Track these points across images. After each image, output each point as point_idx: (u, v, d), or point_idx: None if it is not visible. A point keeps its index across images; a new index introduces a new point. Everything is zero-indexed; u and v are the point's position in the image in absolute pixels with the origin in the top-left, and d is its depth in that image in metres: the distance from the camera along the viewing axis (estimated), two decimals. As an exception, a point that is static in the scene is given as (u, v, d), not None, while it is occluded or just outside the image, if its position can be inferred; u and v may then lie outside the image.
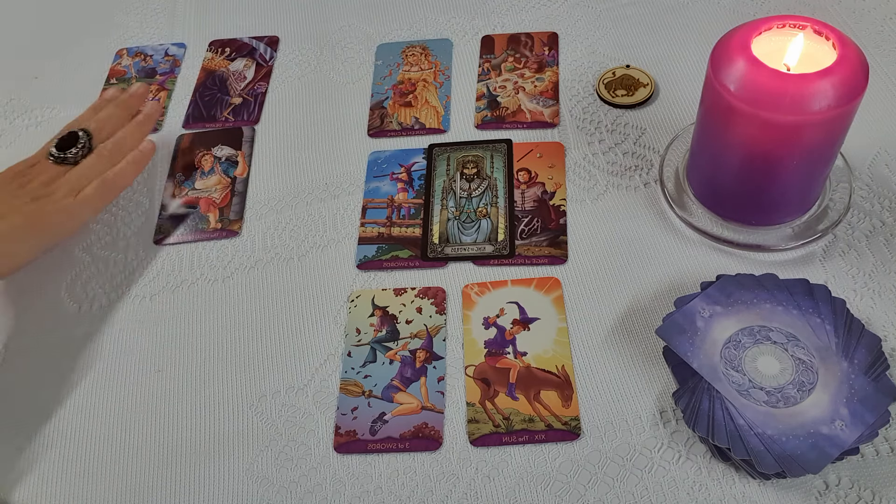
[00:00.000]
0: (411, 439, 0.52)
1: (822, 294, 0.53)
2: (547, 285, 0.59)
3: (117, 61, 0.81)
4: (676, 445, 0.50)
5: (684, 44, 0.74)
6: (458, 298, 0.59)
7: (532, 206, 0.64)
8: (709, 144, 0.57)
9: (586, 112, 0.70)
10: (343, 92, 0.75)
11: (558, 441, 0.51)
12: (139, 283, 0.63)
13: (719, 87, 0.51)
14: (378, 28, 0.81)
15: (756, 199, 0.57)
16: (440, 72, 0.76)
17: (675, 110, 0.69)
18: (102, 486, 0.53)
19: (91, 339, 0.60)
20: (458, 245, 0.62)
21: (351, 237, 0.64)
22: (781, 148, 0.52)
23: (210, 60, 0.80)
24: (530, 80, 0.73)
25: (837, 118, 0.50)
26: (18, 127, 0.76)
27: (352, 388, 0.55)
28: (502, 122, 0.70)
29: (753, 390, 0.49)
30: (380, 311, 0.59)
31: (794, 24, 0.52)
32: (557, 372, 0.54)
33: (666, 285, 0.58)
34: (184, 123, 0.75)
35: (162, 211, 0.67)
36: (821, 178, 0.57)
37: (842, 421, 0.47)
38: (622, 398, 0.53)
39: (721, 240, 0.59)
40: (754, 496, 0.48)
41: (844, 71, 0.49)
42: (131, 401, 0.56)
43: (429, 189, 0.66)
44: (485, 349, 0.56)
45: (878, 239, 0.58)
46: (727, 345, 0.51)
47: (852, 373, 0.49)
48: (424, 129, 0.71)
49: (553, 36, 0.77)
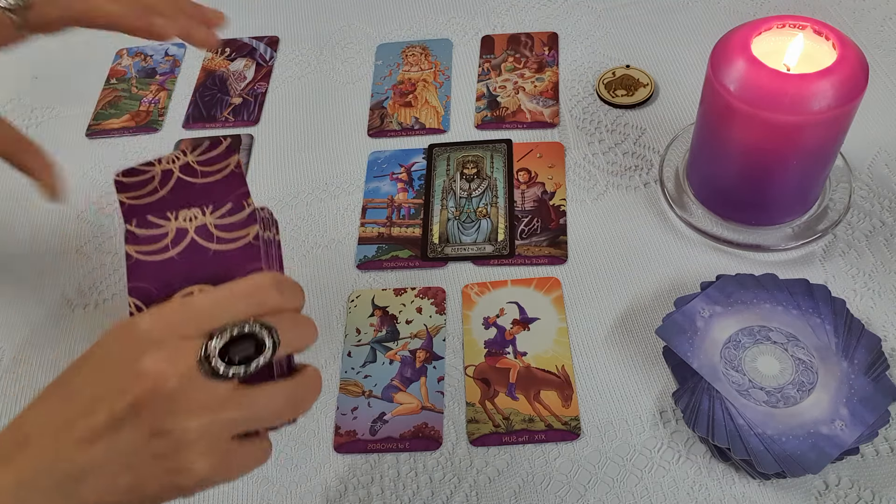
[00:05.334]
0: (411, 439, 0.52)
1: (821, 294, 0.53)
2: (547, 285, 0.59)
3: (117, 61, 0.81)
4: (676, 445, 0.50)
5: (684, 44, 0.74)
6: (458, 298, 0.59)
7: (532, 206, 0.64)
8: (709, 144, 0.57)
9: (586, 112, 0.70)
10: (343, 92, 0.75)
11: (558, 441, 0.51)
12: (139, 283, 0.63)
13: (719, 87, 0.51)
14: (378, 28, 0.81)
15: (756, 199, 0.57)
16: (440, 72, 0.76)
17: (675, 110, 0.69)
18: (102, 486, 0.53)
19: (91, 339, 0.60)
20: (458, 245, 0.62)
21: (351, 237, 0.64)
22: (781, 148, 0.52)
23: (210, 60, 0.80)
24: (530, 80, 0.73)
25: (837, 118, 0.50)
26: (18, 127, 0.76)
27: (352, 388, 0.55)
28: (502, 122, 0.70)
29: (753, 390, 0.49)
30: (380, 311, 0.59)
31: (794, 24, 0.52)
32: (557, 372, 0.54)
33: (666, 285, 0.58)
34: (184, 124, 0.75)
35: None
36: (821, 178, 0.57)
37: (842, 421, 0.47)
38: (622, 398, 0.53)
39: (721, 240, 0.59)
40: (754, 496, 0.48)
41: (844, 71, 0.49)
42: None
43: (429, 189, 0.66)
44: (485, 349, 0.56)
45: (878, 239, 0.58)
46: (727, 345, 0.51)
47: (852, 373, 0.49)
48: (424, 129, 0.71)
49: (553, 36, 0.77)
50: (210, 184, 0.38)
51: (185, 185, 0.38)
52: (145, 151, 0.73)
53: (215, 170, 0.38)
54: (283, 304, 0.36)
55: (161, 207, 0.38)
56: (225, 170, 0.38)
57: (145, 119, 0.75)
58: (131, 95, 0.78)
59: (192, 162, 0.38)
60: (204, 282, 0.36)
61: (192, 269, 0.36)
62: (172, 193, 0.38)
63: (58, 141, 0.75)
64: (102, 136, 0.74)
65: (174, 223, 0.36)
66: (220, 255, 0.36)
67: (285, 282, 0.37)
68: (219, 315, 0.34)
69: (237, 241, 0.36)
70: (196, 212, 0.36)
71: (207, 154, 0.38)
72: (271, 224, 0.39)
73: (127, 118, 0.75)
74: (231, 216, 0.36)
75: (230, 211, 0.36)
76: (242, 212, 0.36)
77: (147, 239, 0.36)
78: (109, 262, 0.65)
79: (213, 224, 0.36)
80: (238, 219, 0.36)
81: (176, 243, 0.36)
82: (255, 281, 0.35)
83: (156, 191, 0.38)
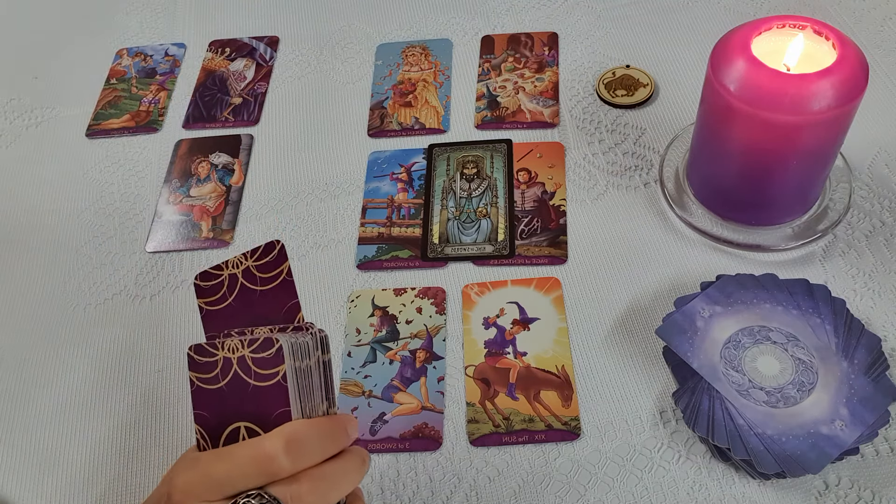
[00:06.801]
0: (411, 439, 0.52)
1: (821, 294, 0.53)
2: (547, 285, 0.59)
3: (117, 61, 0.81)
4: (676, 445, 0.50)
5: (684, 44, 0.74)
6: (458, 298, 0.59)
7: (532, 206, 0.64)
8: (709, 144, 0.57)
9: (586, 112, 0.70)
10: (343, 92, 0.75)
11: (558, 441, 0.51)
12: (139, 283, 0.63)
13: (719, 87, 0.51)
14: (378, 28, 0.81)
15: (756, 199, 0.57)
16: (440, 72, 0.76)
17: (675, 110, 0.69)
18: (103, 485, 0.53)
19: (91, 339, 0.60)
20: (458, 245, 0.62)
21: (351, 237, 0.64)
22: (781, 148, 0.52)
23: (210, 60, 0.80)
24: (530, 80, 0.73)
25: (837, 118, 0.50)
26: (18, 127, 0.76)
27: (352, 388, 0.55)
28: (502, 122, 0.70)
29: (753, 390, 0.49)
30: (380, 311, 0.59)
31: (794, 24, 0.52)
32: (557, 372, 0.54)
33: (666, 285, 0.58)
34: (184, 124, 0.75)
35: (157, 217, 0.67)
36: (821, 178, 0.57)
37: (842, 421, 0.47)
38: (622, 398, 0.53)
39: (721, 240, 0.59)
40: (754, 496, 0.48)
41: (844, 71, 0.49)
42: (132, 400, 0.56)
43: (429, 189, 0.66)
44: (485, 349, 0.56)
45: (878, 239, 0.58)
46: (727, 345, 0.51)
47: (852, 373, 0.49)
48: (424, 129, 0.71)
49: (553, 36, 0.77)
50: (267, 291, 0.40)
51: (248, 291, 0.40)
52: (145, 151, 0.73)
53: (271, 276, 0.40)
54: (299, 466, 0.35)
55: (229, 316, 0.40)
56: (279, 277, 0.39)
57: (145, 119, 0.75)
58: (131, 95, 0.78)
59: (251, 268, 0.40)
60: (249, 418, 0.36)
61: (239, 402, 0.36)
62: (238, 300, 0.40)
63: (58, 141, 0.75)
64: (102, 136, 0.74)
65: (221, 353, 0.37)
66: (257, 392, 0.36)
67: (303, 440, 0.36)
68: (233, 483, 0.35)
69: (270, 379, 0.36)
70: (237, 343, 0.37)
71: (263, 259, 0.40)
72: (316, 348, 0.38)
73: (127, 118, 0.75)
74: (263, 351, 0.36)
75: (262, 346, 0.36)
76: (271, 349, 0.36)
77: (203, 367, 0.37)
78: (109, 262, 0.65)
79: (249, 358, 0.36)
80: (268, 354, 0.36)
81: (224, 375, 0.37)
82: (264, 449, 0.35)
83: (225, 298, 0.40)
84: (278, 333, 0.37)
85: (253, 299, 0.40)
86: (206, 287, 0.40)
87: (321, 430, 0.37)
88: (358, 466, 0.38)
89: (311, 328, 0.39)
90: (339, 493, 0.37)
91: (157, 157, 0.72)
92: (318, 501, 0.36)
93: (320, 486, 0.36)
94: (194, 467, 0.36)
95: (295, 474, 0.35)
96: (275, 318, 0.39)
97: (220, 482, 0.35)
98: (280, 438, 0.35)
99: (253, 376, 0.36)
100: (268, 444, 0.35)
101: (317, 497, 0.35)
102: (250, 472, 0.35)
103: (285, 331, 0.38)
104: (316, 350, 0.38)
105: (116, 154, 0.73)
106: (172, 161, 0.71)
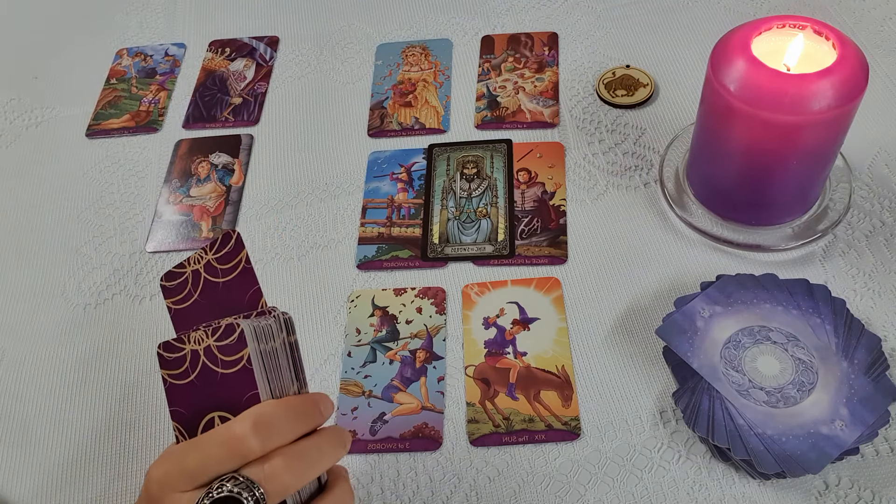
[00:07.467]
0: (411, 439, 0.52)
1: (822, 294, 0.53)
2: (547, 285, 0.59)
3: (117, 61, 0.81)
4: (676, 445, 0.50)
5: (684, 44, 0.74)
6: (458, 298, 0.59)
7: (532, 206, 0.64)
8: (709, 144, 0.57)
9: (586, 112, 0.70)
10: (343, 92, 0.75)
11: (558, 441, 0.51)
12: (139, 283, 0.63)
13: (719, 87, 0.51)
14: (378, 28, 0.81)
15: (756, 199, 0.57)
16: (440, 72, 0.76)
17: (675, 110, 0.69)
18: (103, 485, 0.53)
19: (91, 338, 0.60)
20: (458, 245, 0.62)
21: (351, 237, 0.64)
22: (781, 148, 0.52)
23: (210, 60, 0.80)
24: (530, 80, 0.73)
25: (837, 118, 0.50)
26: (18, 127, 0.76)
27: (352, 388, 0.55)
28: (502, 122, 0.70)
29: (753, 390, 0.49)
30: (380, 311, 0.59)
31: (794, 24, 0.52)
32: (557, 372, 0.54)
33: (666, 285, 0.58)
34: (184, 124, 0.75)
35: (157, 217, 0.67)
36: (821, 178, 0.57)
37: (842, 421, 0.47)
38: (622, 398, 0.53)
39: (721, 240, 0.59)
40: (754, 496, 0.48)
41: (844, 71, 0.49)
42: (132, 400, 0.56)
43: (429, 189, 0.66)
44: (485, 349, 0.56)
45: (878, 239, 0.58)
46: (727, 345, 0.51)
47: (852, 373, 0.49)
48: (424, 129, 0.71)
49: (553, 36, 0.77)
50: (229, 282, 0.40)
51: (212, 285, 0.40)
52: (145, 151, 0.73)
53: (231, 266, 0.40)
54: (269, 445, 0.35)
55: (197, 312, 0.40)
56: (238, 266, 0.39)
57: (145, 119, 0.75)
58: (131, 95, 0.78)
59: (211, 261, 0.40)
60: (221, 406, 0.36)
61: (211, 393, 0.36)
62: (203, 295, 0.40)
63: (58, 141, 0.75)
64: (102, 136, 0.74)
65: (189, 346, 0.37)
66: (225, 379, 0.36)
67: (271, 419, 0.35)
68: (207, 469, 0.35)
69: (236, 365, 0.36)
70: (202, 334, 0.37)
71: (222, 251, 0.40)
72: (280, 330, 0.38)
73: (127, 118, 0.75)
74: (226, 338, 0.36)
75: (224, 333, 0.36)
76: (233, 334, 0.36)
77: (173, 363, 0.37)
78: (109, 262, 0.65)
79: (214, 347, 0.36)
80: (231, 340, 0.36)
81: (193, 367, 0.37)
82: (232, 432, 0.35)
83: (191, 294, 0.40)
84: (241, 319, 0.37)
85: (217, 292, 0.40)
86: (172, 287, 0.41)
87: (290, 409, 0.36)
88: (335, 444, 0.38)
89: (275, 311, 0.39)
90: (316, 471, 0.37)
91: (157, 157, 0.72)
92: (294, 479, 0.35)
93: (295, 464, 0.35)
94: (169, 460, 0.36)
95: (267, 454, 0.35)
96: (239, 307, 0.39)
97: (194, 470, 0.35)
98: (248, 419, 0.35)
99: (220, 364, 0.36)
100: (236, 426, 0.35)
101: (292, 475, 0.35)
102: (222, 457, 0.34)
103: (249, 317, 0.38)
104: (280, 332, 0.38)
105: (116, 154, 0.73)
106: (172, 161, 0.71)
